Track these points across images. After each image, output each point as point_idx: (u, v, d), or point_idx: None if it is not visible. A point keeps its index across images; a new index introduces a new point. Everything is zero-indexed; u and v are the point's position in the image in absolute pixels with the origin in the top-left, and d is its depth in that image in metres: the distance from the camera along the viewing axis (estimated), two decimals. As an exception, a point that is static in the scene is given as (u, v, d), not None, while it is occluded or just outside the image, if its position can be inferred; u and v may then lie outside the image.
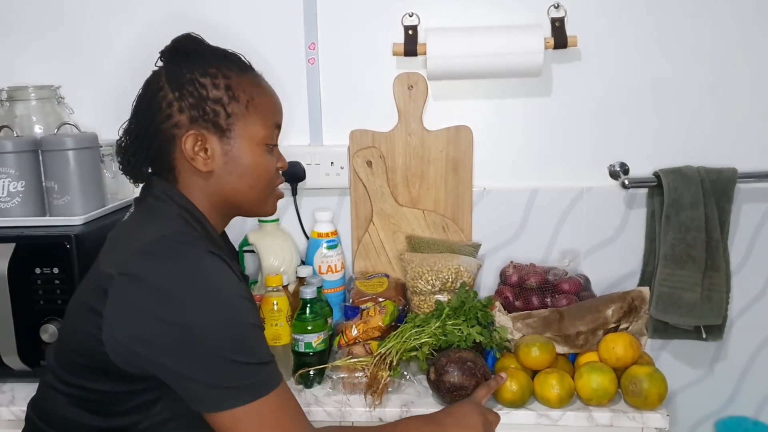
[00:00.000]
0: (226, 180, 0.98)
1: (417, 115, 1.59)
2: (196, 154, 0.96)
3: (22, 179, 1.46)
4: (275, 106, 1.05)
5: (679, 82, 1.55)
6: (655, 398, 1.24)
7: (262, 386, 0.89)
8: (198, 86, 0.96)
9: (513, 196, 1.62)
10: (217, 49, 1.02)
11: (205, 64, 0.97)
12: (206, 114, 0.96)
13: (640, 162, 1.58)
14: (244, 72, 1.01)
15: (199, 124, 0.96)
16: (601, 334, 1.37)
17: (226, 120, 0.97)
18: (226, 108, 0.96)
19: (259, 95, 1.01)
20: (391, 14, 1.56)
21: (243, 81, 0.99)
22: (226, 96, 0.96)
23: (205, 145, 0.96)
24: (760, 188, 1.57)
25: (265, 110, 1.01)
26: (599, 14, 1.53)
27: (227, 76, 0.98)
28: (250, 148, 0.99)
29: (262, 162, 1.00)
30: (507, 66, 1.48)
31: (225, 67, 0.98)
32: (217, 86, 0.96)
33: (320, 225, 1.58)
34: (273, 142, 1.03)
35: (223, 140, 0.97)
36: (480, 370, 1.25)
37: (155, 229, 0.93)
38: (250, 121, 0.98)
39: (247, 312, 0.90)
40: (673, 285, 1.49)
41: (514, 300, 1.52)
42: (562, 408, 1.26)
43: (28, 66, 1.64)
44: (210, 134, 0.96)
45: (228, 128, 0.97)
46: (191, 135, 0.95)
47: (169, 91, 0.96)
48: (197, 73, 0.96)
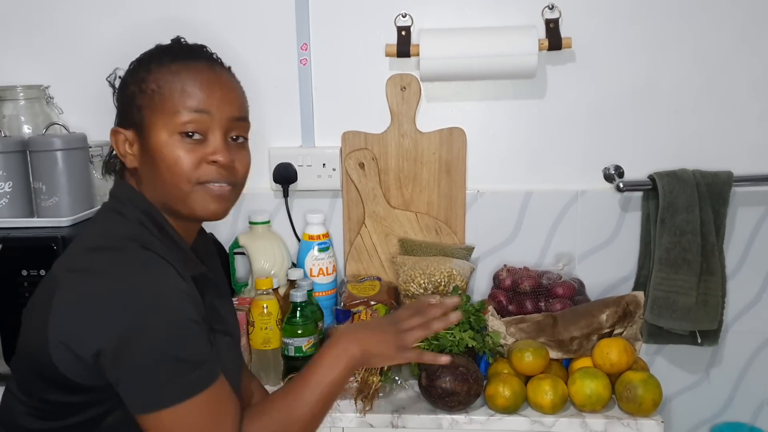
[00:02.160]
0: (148, 176, 0.95)
1: (410, 117, 1.58)
2: (125, 152, 0.96)
3: (9, 180, 1.44)
4: (190, 89, 0.93)
5: (675, 85, 1.54)
6: (650, 404, 1.22)
7: (194, 385, 0.86)
8: (123, 86, 0.97)
9: (507, 198, 1.60)
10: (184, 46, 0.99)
11: (141, 63, 0.96)
12: (123, 111, 0.96)
13: (635, 165, 1.57)
14: (173, 62, 0.94)
15: (121, 123, 0.97)
16: (596, 339, 1.36)
17: (138, 114, 0.94)
18: (136, 101, 0.94)
19: (172, 82, 0.93)
20: (384, 15, 1.55)
21: (162, 70, 0.93)
22: (137, 89, 0.94)
23: (128, 142, 0.96)
24: (755, 191, 1.56)
25: (172, 96, 0.92)
26: (594, 16, 1.52)
27: (148, 69, 0.94)
28: (162, 140, 0.92)
29: (174, 154, 0.91)
30: (501, 67, 1.46)
31: (156, 60, 0.95)
32: (134, 81, 0.95)
33: (312, 227, 1.57)
34: (189, 129, 0.92)
35: (141, 135, 0.94)
36: (472, 376, 1.23)
37: (103, 228, 0.94)
38: (158, 110, 0.92)
39: (183, 307, 0.87)
40: (668, 289, 1.48)
41: (508, 304, 1.50)
42: (555, 414, 1.25)
43: (17, 65, 1.63)
44: (129, 131, 0.95)
45: (140, 122, 0.94)
46: (113, 133, 0.97)
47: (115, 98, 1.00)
48: (129, 73, 0.97)
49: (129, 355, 0.83)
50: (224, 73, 0.98)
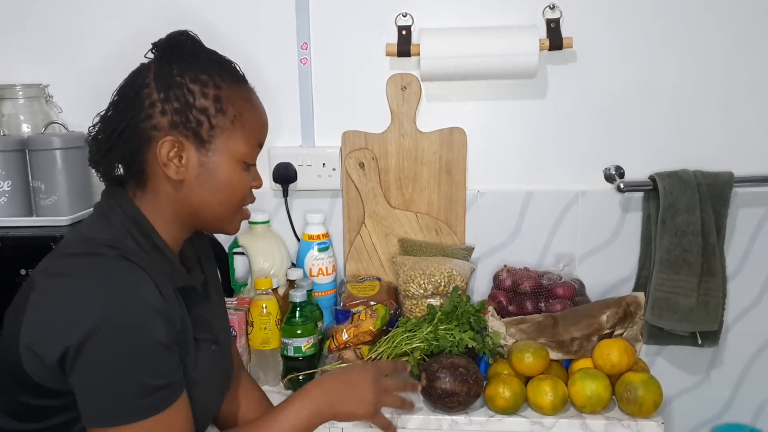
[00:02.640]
0: (196, 192, 0.94)
1: (410, 117, 1.57)
2: (170, 161, 0.92)
3: (8, 179, 1.44)
4: (262, 124, 1.00)
5: (676, 85, 1.54)
6: (651, 405, 1.22)
7: (144, 410, 0.84)
8: (186, 91, 0.91)
9: (507, 199, 1.60)
10: (213, 54, 0.97)
11: (198, 69, 0.93)
12: (189, 122, 0.91)
13: (636, 165, 1.56)
14: (237, 84, 0.97)
15: (179, 130, 0.91)
16: (596, 339, 1.35)
17: (208, 131, 0.92)
18: (211, 120, 0.92)
19: (247, 111, 0.96)
20: (385, 14, 1.54)
21: (234, 94, 0.95)
22: (213, 107, 0.92)
23: (181, 153, 0.92)
24: (756, 192, 1.56)
25: (251, 128, 0.96)
26: (595, 15, 1.52)
27: (218, 86, 0.93)
28: (228, 163, 0.94)
29: (238, 179, 0.96)
30: (501, 67, 1.46)
31: (218, 76, 0.94)
32: (206, 95, 0.92)
33: (311, 227, 1.57)
34: (252, 161, 0.99)
35: (201, 151, 0.93)
36: (472, 377, 1.23)
37: (86, 233, 0.92)
38: (234, 136, 0.94)
39: (152, 327, 0.84)
40: (669, 290, 1.47)
41: (508, 305, 1.50)
42: (555, 415, 1.25)
43: (16, 64, 1.62)
44: (188, 143, 0.92)
45: (209, 140, 0.93)
46: (168, 140, 0.91)
47: (154, 90, 0.91)
48: (188, 77, 0.92)
49: (85, 364, 0.81)
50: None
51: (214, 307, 1.07)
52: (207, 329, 1.00)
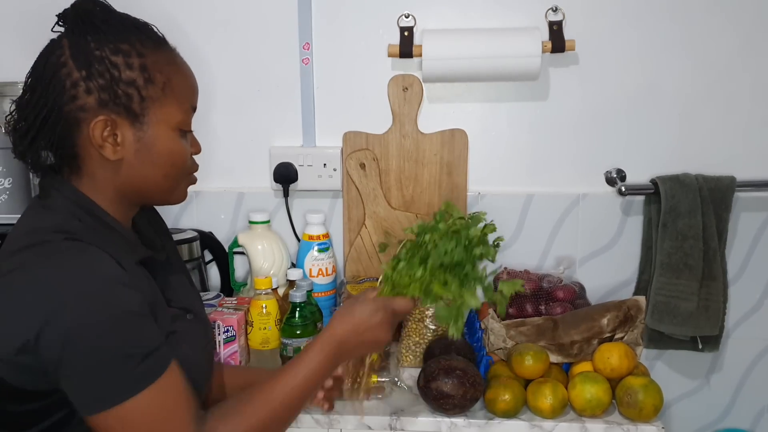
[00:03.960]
0: (137, 169, 0.89)
1: (412, 118, 1.57)
2: (104, 141, 0.86)
3: (9, 176, 1.44)
4: (192, 86, 0.95)
5: (678, 88, 1.54)
6: (651, 410, 1.22)
7: (140, 379, 0.81)
8: (109, 65, 0.85)
9: (508, 201, 1.60)
10: (127, 18, 0.91)
11: (116, 38, 0.86)
12: (118, 98, 0.85)
13: (638, 169, 1.56)
14: (159, 47, 0.90)
15: (109, 108, 0.85)
16: (596, 343, 1.35)
17: (140, 104, 0.87)
18: (141, 91, 0.86)
19: (176, 75, 0.91)
20: (387, 15, 1.54)
21: (159, 59, 0.89)
22: (141, 77, 0.86)
23: (116, 131, 0.87)
24: (758, 197, 1.56)
25: (182, 92, 0.91)
26: (598, 18, 1.52)
27: (141, 54, 0.87)
28: (165, 134, 0.90)
29: (178, 148, 0.92)
30: (504, 69, 1.46)
31: (138, 42, 0.87)
32: (131, 66, 0.86)
33: (312, 227, 1.56)
34: (188, 127, 0.94)
35: (135, 126, 0.87)
36: (470, 380, 1.23)
37: (28, 226, 0.87)
38: (166, 104, 0.89)
39: (121, 299, 0.81)
40: (670, 294, 1.47)
41: (508, 307, 1.49)
42: (555, 419, 1.24)
43: (17, 61, 1.61)
44: (121, 119, 0.86)
45: (142, 113, 0.87)
46: (100, 120, 0.85)
47: (74, 69, 0.84)
48: (108, 49, 0.85)
49: (61, 354, 0.78)
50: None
51: (180, 279, 1.04)
52: (178, 299, 0.97)
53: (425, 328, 1.43)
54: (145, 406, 0.82)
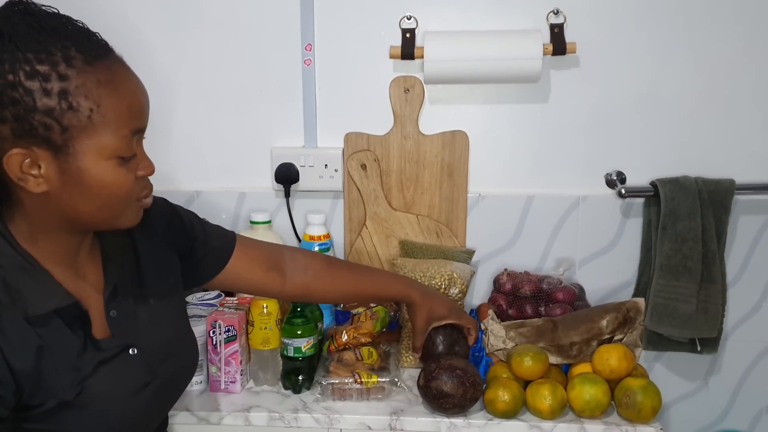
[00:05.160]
0: (66, 202, 0.80)
1: (413, 119, 1.58)
2: (24, 174, 0.77)
3: None
4: (132, 107, 0.82)
5: (678, 91, 1.54)
6: (649, 411, 1.22)
7: None
8: (23, 92, 0.74)
9: (508, 202, 1.60)
10: (59, 27, 0.78)
11: (36, 57, 0.74)
12: (34, 128, 0.75)
13: (638, 171, 1.57)
14: (92, 63, 0.78)
15: (26, 139, 0.76)
16: (595, 344, 1.36)
17: (61, 135, 0.76)
18: (61, 121, 0.76)
19: (109, 98, 0.79)
20: (389, 16, 1.54)
21: (88, 80, 0.77)
22: (59, 106, 0.75)
23: (37, 162, 0.77)
24: (757, 200, 1.56)
25: (117, 117, 0.79)
26: (599, 21, 1.52)
27: (64, 77, 0.75)
28: (96, 164, 0.79)
29: (114, 178, 0.81)
30: (505, 71, 1.46)
31: (64, 61, 0.76)
32: (49, 92, 0.75)
33: (312, 228, 1.56)
34: (128, 153, 0.82)
35: (59, 158, 0.77)
36: (469, 379, 1.23)
37: None
38: (96, 132, 0.78)
39: None
40: (669, 296, 1.48)
41: (508, 308, 1.50)
42: (554, 419, 1.25)
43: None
44: (42, 151, 0.77)
45: (64, 144, 0.77)
46: (16, 154, 0.76)
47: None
48: (23, 72, 0.74)
49: None
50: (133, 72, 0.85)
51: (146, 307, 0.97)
52: (123, 334, 0.92)
53: (425, 328, 1.43)
54: None
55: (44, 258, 0.86)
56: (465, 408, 1.25)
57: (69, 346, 0.85)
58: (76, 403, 0.84)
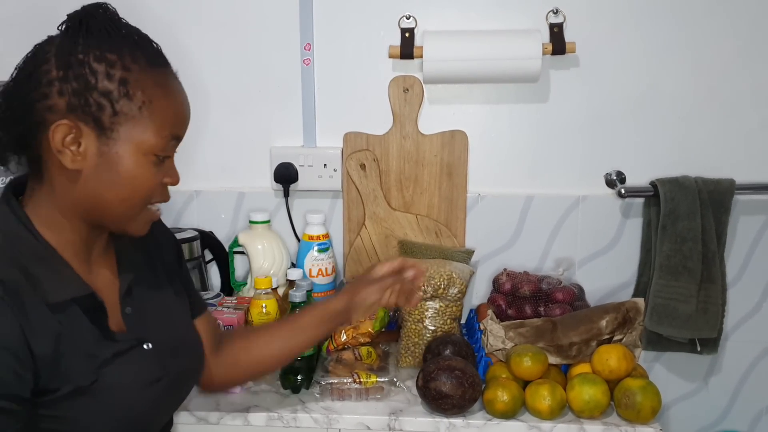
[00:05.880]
0: (94, 185, 0.84)
1: (412, 119, 1.58)
2: (65, 148, 0.82)
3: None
4: (178, 114, 0.89)
5: (678, 91, 1.54)
6: (649, 411, 1.22)
7: None
8: (88, 71, 0.81)
9: (508, 202, 1.60)
10: (131, 33, 0.87)
11: (107, 47, 0.83)
12: (88, 105, 0.81)
13: (637, 171, 1.57)
14: (151, 67, 0.86)
15: (77, 114, 0.81)
16: (595, 345, 1.35)
17: (111, 118, 0.82)
18: (115, 104, 0.82)
19: (160, 98, 0.85)
20: (388, 16, 1.54)
21: (146, 78, 0.84)
22: (117, 90, 0.82)
23: (79, 140, 0.82)
24: (757, 200, 1.56)
25: (163, 117, 0.85)
26: (598, 21, 1.52)
27: (127, 68, 0.83)
28: (133, 155, 0.84)
29: (142, 174, 0.85)
30: (504, 71, 1.46)
31: (130, 56, 0.83)
32: (111, 77, 0.82)
33: (312, 227, 1.56)
34: (165, 153, 0.87)
35: (101, 139, 0.83)
36: (468, 380, 1.23)
37: None
38: (141, 125, 0.83)
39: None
40: (668, 296, 1.47)
41: (507, 308, 1.50)
42: (553, 420, 1.24)
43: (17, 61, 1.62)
44: (87, 129, 0.82)
45: (111, 127, 0.82)
46: (63, 124, 0.81)
47: (54, 67, 0.81)
48: (92, 55, 0.82)
49: None
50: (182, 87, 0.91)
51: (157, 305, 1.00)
52: (137, 329, 0.94)
53: (424, 328, 1.43)
54: None
55: (62, 248, 0.88)
56: (464, 408, 1.24)
57: (86, 334, 0.87)
58: (90, 391, 0.86)
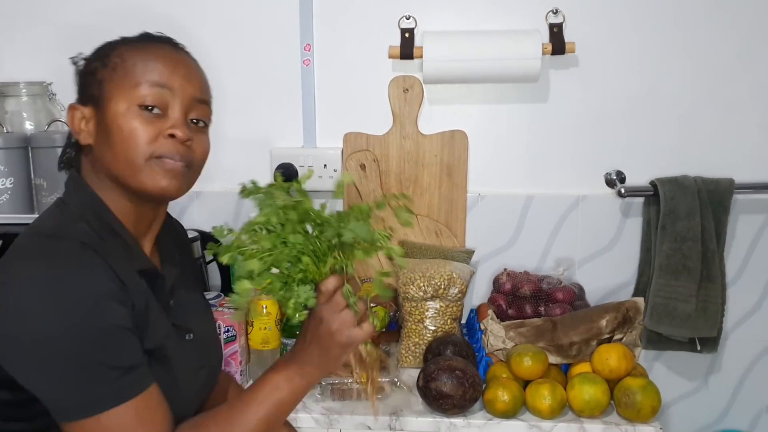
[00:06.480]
0: (104, 150, 0.91)
1: (412, 119, 1.58)
2: (80, 129, 0.93)
3: (11, 176, 1.45)
4: (154, 64, 0.92)
5: (677, 91, 1.54)
6: (649, 411, 1.22)
7: (118, 394, 0.82)
8: (86, 64, 0.94)
9: (508, 202, 1.60)
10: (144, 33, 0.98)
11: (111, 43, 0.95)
12: (83, 87, 0.94)
13: (637, 171, 1.57)
14: (141, 41, 0.95)
15: (80, 99, 0.94)
16: (595, 344, 1.36)
17: (98, 88, 0.91)
18: (97, 75, 0.92)
19: (135, 56, 0.91)
20: (388, 17, 1.54)
21: (128, 47, 0.93)
22: (100, 64, 0.92)
23: (84, 117, 0.93)
24: (756, 199, 1.56)
25: (135, 69, 0.91)
26: (598, 21, 1.52)
27: (112, 47, 0.93)
28: (121, 112, 0.89)
29: (133, 125, 0.89)
30: (504, 71, 1.46)
31: (122, 41, 0.94)
32: (97, 58, 0.93)
33: (312, 228, 1.56)
34: (148, 102, 0.90)
35: (97, 110, 0.91)
36: (469, 380, 1.23)
37: (36, 225, 0.90)
38: (120, 83, 0.90)
39: (107, 313, 0.81)
40: (668, 296, 1.48)
41: (507, 308, 1.50)
42: (553, 419, 1.25)
43: (20, 62, 1.62)
44: (88, 107, 0.92)
45: (99, 95, 0.91)
46: (72, 109, 0.93)
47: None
48: (94, 52, 0.95)
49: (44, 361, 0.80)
50: (188, 56, 0.98)
51: (192, 298, 1.05)
52: (179, 318, 0.97)
53: (425, 328, 1.43)
54: (121, 420, 0.82)
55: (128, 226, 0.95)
56: (464, 408, 1.25)
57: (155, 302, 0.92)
58: (163, 355, 0.90)
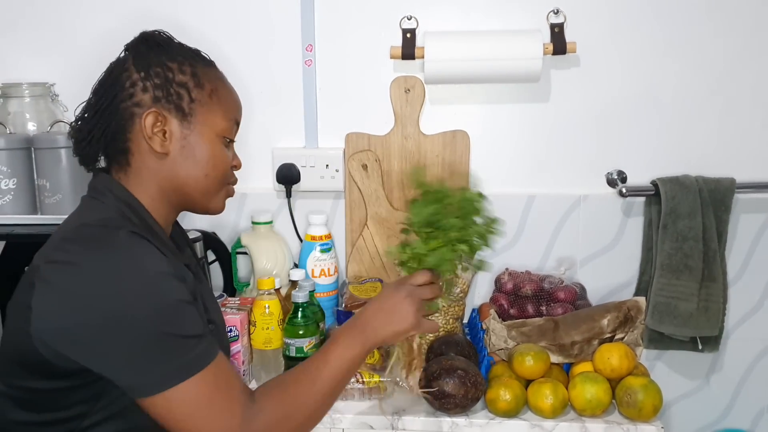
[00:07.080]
0: (180, 165, 0.97)
1: (414, 119, 1.58)
2: (154, 134, 0.95)
3: (14, 177, 1.45)
4: (236, 102, 1.05)
5: (678, 90, 1.54)
6: (650, 410, 1.22)
7: (194, 363, 0.86)
8: (165, 69, 0.96)
9: (509, 202, 1.60)
10: (184, 45, 1.02)
11: (173, 52, 0.98)
12: (170, 95, 0.95)
13: (638, 170, 1.57)
14: (207, 65, 1.02)
15: (161, 104, 0.95)
16: (597, 343, 1.36)
17: (189, 104, 0.96)
18: (191, 93, 0.96)
19: (221, 88, 1.01)
20: (390, 17, 1.55)
21: (208, 72, 1.00)
22: (191, 81, 0.97)
23: (165, 126, 0.95)
24: (758, 198, 1.56)
25: (227, 103, 1.01)
26: (599, 21, 1.52)
27: (193, 65, 0.98)
28: (209, 137, 0.98)
29: (219, 153, 0.99)
30: (505, 71, 1.46)
31: (191, 58, 0.99)
32: (184, 71, 0.97)
33: (314, 228, 1.57)
34: (231, 136, 1.03)
35: (183, 124, 0.96)
36: (471, 380, 1.23)
37: (82, 218, 0.93)
38: (212, 110, 0.98)
39: (170, 288, 0.87)
40: (670, 295, 1.48)
41: (509, 308, 1.50)
42: (555, 418, 1.25)
43: (23, 62, 1.63)
44: (171, 116, 0.96)
45: (190, 113, 0.96)
46: (152, 113, 0.94)
47: (134, 72, 0.96)
48: (165, 57, 0.97)
49: (117, 340, 0.83)
50: None
51: (207, 289, 1.11)
52: (205, 308, 1.02)
53: (427, 328, 1.43)
54: (199, 388, 0.86)
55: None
56: (467, 408, 1.25)
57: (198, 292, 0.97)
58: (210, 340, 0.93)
